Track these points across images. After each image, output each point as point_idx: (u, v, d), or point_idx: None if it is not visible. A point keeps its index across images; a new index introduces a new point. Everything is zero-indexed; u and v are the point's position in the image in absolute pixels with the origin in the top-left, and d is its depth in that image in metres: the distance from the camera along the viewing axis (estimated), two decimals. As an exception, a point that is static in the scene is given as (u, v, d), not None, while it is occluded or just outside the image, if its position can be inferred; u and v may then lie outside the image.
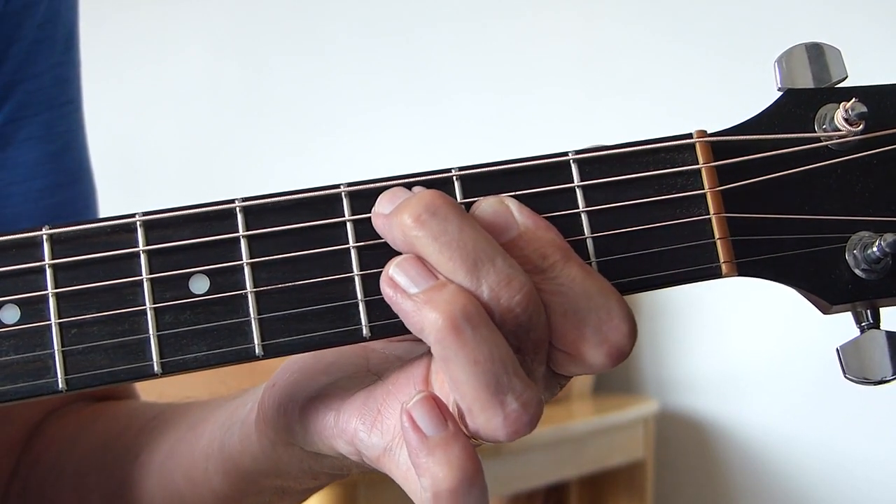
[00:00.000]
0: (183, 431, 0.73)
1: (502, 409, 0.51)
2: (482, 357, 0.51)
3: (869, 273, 0.58)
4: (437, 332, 0.52)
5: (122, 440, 0.78)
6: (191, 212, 0.57)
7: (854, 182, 0.59)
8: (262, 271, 0.56)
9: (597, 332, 0.53)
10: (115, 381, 0.56)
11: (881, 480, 2.15)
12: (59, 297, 0.56)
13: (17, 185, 0.81)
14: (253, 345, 0.56)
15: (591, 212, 0.57)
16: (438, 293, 0.52)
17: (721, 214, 0.57)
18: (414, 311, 0.53)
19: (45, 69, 0.82)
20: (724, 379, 2.29)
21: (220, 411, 0.71)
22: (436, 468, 0.52)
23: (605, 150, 0.58)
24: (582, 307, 0.53)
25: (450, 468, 0.52)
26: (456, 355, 0.51)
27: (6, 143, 0.81)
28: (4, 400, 0.56)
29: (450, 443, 0.53)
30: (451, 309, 0.51)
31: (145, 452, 0.75)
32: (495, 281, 0.52)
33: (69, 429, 0.83)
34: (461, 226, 0.53)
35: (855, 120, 0.58)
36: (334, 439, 0.57)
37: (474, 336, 0.51)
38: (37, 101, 0.82)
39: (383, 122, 2.59)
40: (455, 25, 2.53)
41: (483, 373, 0.51)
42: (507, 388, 0.51)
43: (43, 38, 0.82)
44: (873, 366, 0.58)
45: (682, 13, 2.32)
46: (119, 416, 0.82)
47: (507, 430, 0.52)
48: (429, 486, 0.52)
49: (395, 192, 0.56)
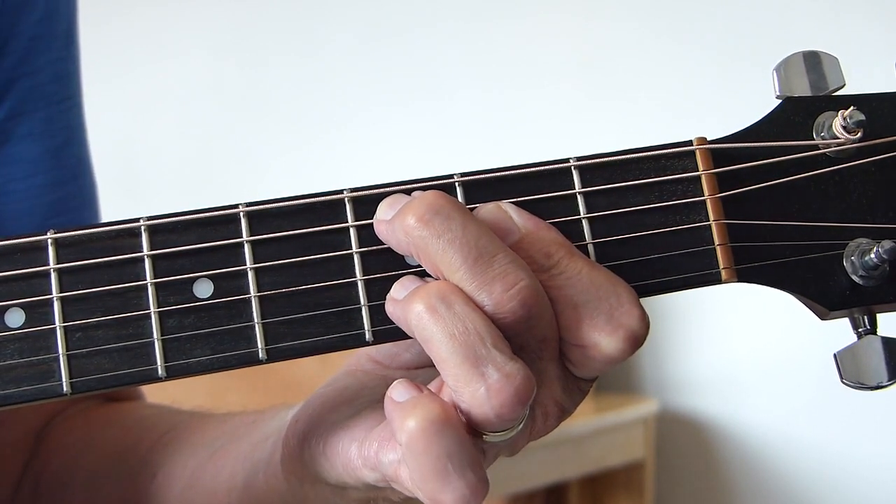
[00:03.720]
0: (202, 459, 0.73)
1: (483, 380, 0.52)
2: (458, 331, 0.52)
3: (866, 279, 0.58)
4: (417, 318, 0.53)
5: (135, 452, 0.78)
6: (195, 216, 0.57)
7: (852, 189, 0.59)
8: (266, 276, 0.57)
9: (609, 319, 0.54)
10: (119, 384, 0.56)
11: (881, 480, 2.16)
12: (63, 300, 0.56)
13: (19, 182, 0.82)
14: (256, 349, 0.56)
15: (592, 218, 0.58)
16: (422, 288, 0.54)
17: (721, 221, 0.58)
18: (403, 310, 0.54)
19: (45, 65, 0.82)
20: (724, 379, 2.29)
21: (240, 443, 0.71)
22: (407, 418, 0.53)
23: (605, 156, 0.58)
24: (592, 297, 0.55)
25: (418, 412, 0.53)
26: (433, 333, 0.53)
27: (6, 140, 0.81)
28: (9, 403, 0.56)
29: (422, 399, 0.54)
30: (429, 293, 0.53)
31: (162, 473, 0.75)
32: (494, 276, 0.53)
33: (79, 433, 0.83)
34: (465, 223, 0.54)
35: (853, 128, 0.58)
36: (360, 470, 0.58)
37: (449, 312, 0.53)
38: (36, 97, 0.82)
39: (383, 121, 2.59)
40: (455, 25, 2.54)
41: (461, 345, 0.52)
42: (487, 360, 0.52)
43: (42, 33, 0.82)
44: (870, 371, 0.58)
45: (682, 14, 2.33)
46: (130, 424, 0.82)
47: (491, 402, 0.52)
48: (403, 440, 0.53)
49: (395, 198, 0.57)
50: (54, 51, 0.83)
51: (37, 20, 0.81)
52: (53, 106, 0.83)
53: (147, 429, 0.80)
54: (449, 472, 0.52)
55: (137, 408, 0.86)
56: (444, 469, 0.52)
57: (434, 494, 0.53)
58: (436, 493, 0.53)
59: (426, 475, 0.53)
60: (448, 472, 0.52)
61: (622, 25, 2.38)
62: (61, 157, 0.83)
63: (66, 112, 0.84)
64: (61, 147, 0.83)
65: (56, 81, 0.83)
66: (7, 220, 0.81)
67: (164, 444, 0.77)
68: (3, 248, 0.56)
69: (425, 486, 0.53)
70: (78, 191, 0.85)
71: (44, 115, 0.82)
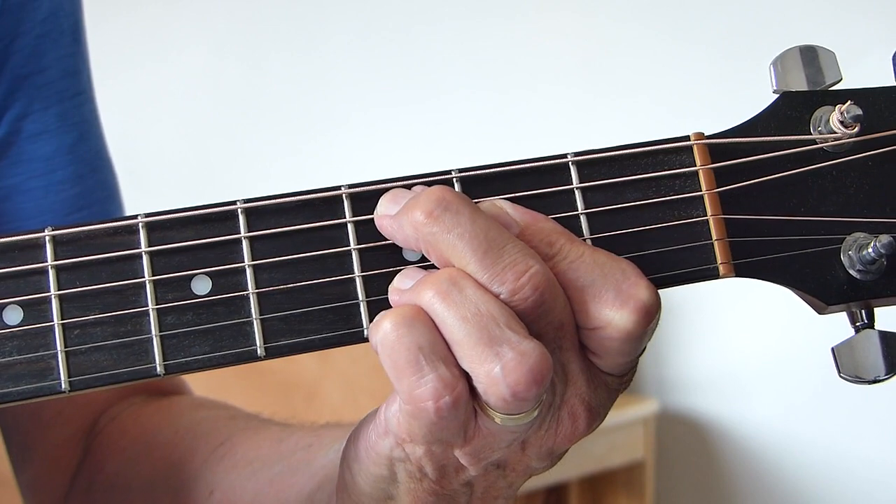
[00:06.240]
0: (262, 484, 0.74)
1: (499, 359, 0.53)
2: (470, 312, 0.53)
3: (864, 274, 0.59)
4: (429, 304, 0.54)
5: (191, 464, 0.79)
6: (193, 213, 0.57)
7: (849, 184, 0.59)
8: (264, 272, 0.57)
9: (618, 294, 0.55)
10: (117, 381, 0.56)
11: (881, 480, 2.16)
12: (61, 298, 0.56)
13: (37, 179, 0.82)
14: (255, 346, 0.56)
15: (590, 213, 0.58)
16: (431, 275, 0.55)
17: (719, 216, 0.58)
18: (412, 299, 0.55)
19: (53, 62, 0.82)
20: (724, 378, 2.29)
21: (299, 476, 0.72)
22: (381, 321, 0.54)
23: (603, 152, 0.59)
24: (597, 276, 0.55)
25: (391, 312, 0.55)
26: (446, 317, 0.54)
27: (19, 138, 0.81)
28: (7, 401, 0.56)
29: (398, 305, 0.56)
30: (439, 279, 0.54)
31: (220, 490, 0.76)
32: (505, 266, 0.54)
33: (133, 435, 0.84)
34: (473, 216, 0.55)
35: (850, 122, 0.58)
36: (377, 443, 0.58)
37: (461, 296, 0.54)
38: (47, 95, 0.82)
39: (382, 121, 2.59)
40: (455, 25, 2.54)
41: (475, 327, 0.53)
42: (501, 339, 0.53)
43: (48, 31, 0.82)
44: (867, 365, 0.59)
45: (682, 13, 2.33)
46: (183, 429, 0.83)
47: (507, 380, 0.53)
48: (378, 339, 0.54)
49: (396, 192, 0.57)
50: (62, 47, 0.83)
51: (42, 18, 0.82)
52: (65, 102, 0.83)
53: (200, 436, 0.81)
54: (422, 364, 0.53)
55: (188, 407, 0.86)
56: (417, 361, 0.53)
57: (410, 390, 0.54)
58: (412, 388, 0.54)
59: (400, 369, 0.54)
60: (421, 363, 0.53)
61: (622, 25, 2.38)
62: (78, 151, 0.84)
63: (78, 107, 0.84)
64: (77, 142, 0.84)
65: (66, 78, 0.83)
66: (28, 217, 0.81)
67: (220, 458, 0.78)
68: (1, 245, 0.56)
69: (401, 385, 0.54)
70: (98, 184, 0.85)
71: (56, 111, 0.82)
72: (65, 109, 0.83)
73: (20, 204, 0.81)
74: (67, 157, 0.83)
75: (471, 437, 0.56)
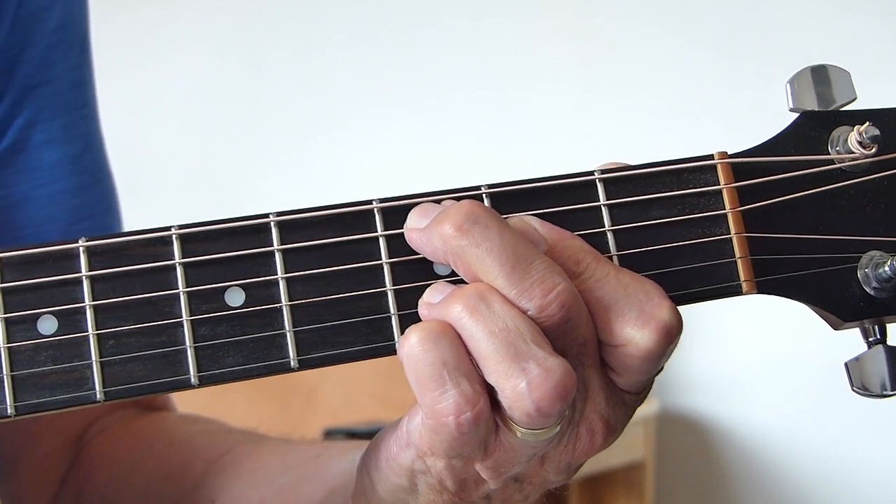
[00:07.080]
0: (268, 493, 0.75)
1: (525, 375, 0.54)
2: (498, 327, 0.54)
3: (879, 291, 0.60)
4: (457, 318, 0.55)
5: (189, 475, 0.79)
6: (226, 226, 0.58)
7: (866, 203, 0.61)
8: (297, 285, 0.57)
9: (641, 314, 0.56)
10: (152, 392, 0.57)
11: (881, 480, 2.17)
12: (96, 308, 0.57)
13: (41, 188, 0.82)
14: (288, 358, 0.57)
15: (616, 230, 0.59)
16: (460, 289, 0.56)
17: (742, 234, 0.59)
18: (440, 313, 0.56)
19: (62, 73, 0.83)
20: (725, 379, 2.30)
21: (309, 484, 0.72)
22: (409, 335, 0.56)
23: (629, 169, 0.60)
24: (621, 296, 0.56)
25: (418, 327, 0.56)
26: (474, 332, 0.55)
27: (26, 147, 0.82)
28: (43, 410, 0.56)
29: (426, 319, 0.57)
30: (467, 294, 0.55)
31: (221, 500, 0.76)
32: (533, 282, 0.55)
33: (125, 447, 0.84)
34: (501, 231, 0.56)
35: (868, 143, 0.60)
36: (398, 455, 0.58)
37: (489, 311, 0.55)
38: (55, 105, 0.83)
39: (382, 121, 2.59)
40: (455, 25, 2.54)
41: (502, 342, 0.54)
42: (528, 355, 0.54)
43: (58, 42, 0.83)
44: (879, 380, 0.60)
45: (682, 13, 2.34)
46: (177, 442, 0.83)
47: (532, 396, 0.54)
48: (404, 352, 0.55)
49: (425, 207, 0.58)
50: (71, 59, 0.84)
51: (52, 29, 0.82)
52: (72, 113, 0.84)
53: (198, 449, 0.81)
54: (445, 379, 0.54)
55: (182, 422, 0.87)
56: (440, 376, 0.54)
57: (432, 404, 0.55)
58: (434, 403, 0.54)
59: (424, 384, 0.55)
60: (444, 379, 0.54)
61: (622, 25, 2.38)
62: (81, 162, 0.84)
63: (83, 119, 0.85)
64: (80, 153, 0.84)
65: (73, 89, 0.84)
66: (31, 225, 0.82)
67: (221, 468, 0.78)
68: (35, 255, 0.57)
69: (424, 399, 0.55)
70: (100, 196, 0.86)
71: (62, 122, 0.83)
72: (71, 120, 0.84)
73: (27, 212, 0.82)
74: (71, 167, 0.83)
75: (491, 452, 0.57)
